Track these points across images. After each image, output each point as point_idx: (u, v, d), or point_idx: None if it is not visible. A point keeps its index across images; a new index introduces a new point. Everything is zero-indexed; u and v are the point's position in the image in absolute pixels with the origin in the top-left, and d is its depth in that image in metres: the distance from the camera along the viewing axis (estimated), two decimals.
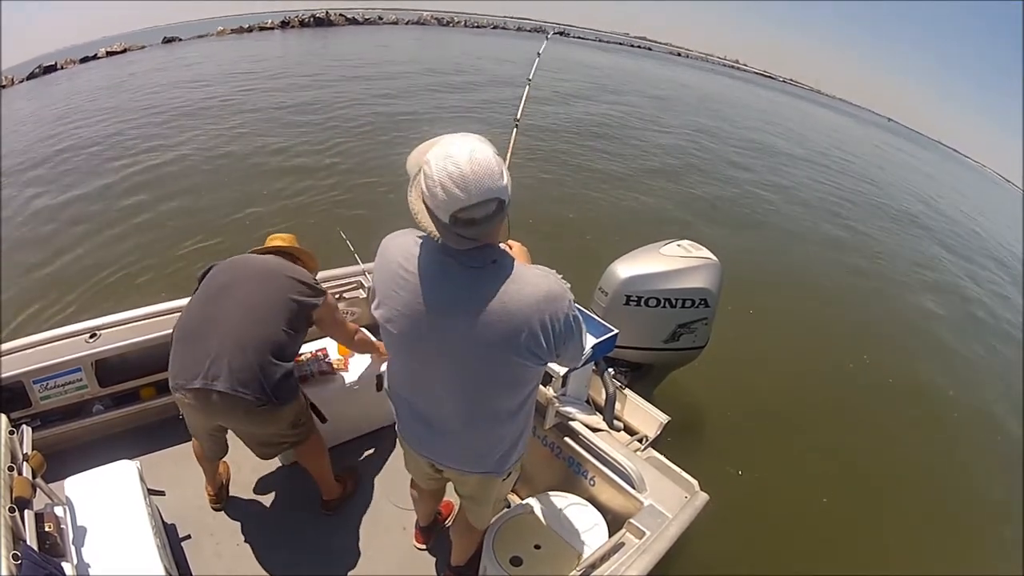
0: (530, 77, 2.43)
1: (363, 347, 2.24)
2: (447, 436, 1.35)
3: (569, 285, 1.17)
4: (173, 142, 8.05)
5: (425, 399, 1.32)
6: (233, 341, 1.65)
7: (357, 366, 2.37)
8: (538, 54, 2.54)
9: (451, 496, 2.13)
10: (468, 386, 1.21)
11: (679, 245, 2.78)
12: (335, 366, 2.34)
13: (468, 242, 1.06)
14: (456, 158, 0.99)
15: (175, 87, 12.18)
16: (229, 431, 1.93)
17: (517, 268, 1.12)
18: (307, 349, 2.36)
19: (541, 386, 2.08)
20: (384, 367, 2.35)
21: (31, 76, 18.38)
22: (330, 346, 2.42)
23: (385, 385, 1.45)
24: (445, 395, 1.25)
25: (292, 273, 1.84)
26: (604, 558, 1.60)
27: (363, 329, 2.45)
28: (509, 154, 2.12)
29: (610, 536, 1.74)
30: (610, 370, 2.35)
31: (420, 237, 1.17)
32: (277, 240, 2.05)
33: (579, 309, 2.04)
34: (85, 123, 9.22)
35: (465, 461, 1.40)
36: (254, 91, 11.74)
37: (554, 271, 1.17)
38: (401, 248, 1.19)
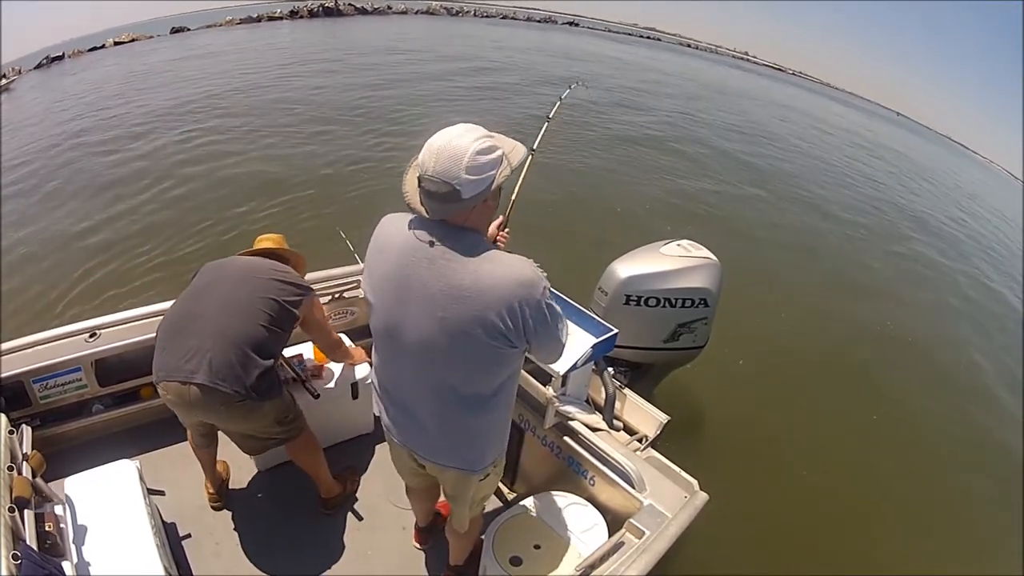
0: (550, 115, 2.40)
1: (342, 356, 2.26)
2: (424, 422, 1.36)
3: (545, 274, 1.20)
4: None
5: (403, 380, 1.33)
6: (213, 336, 1.67)
7: (332, 373, 2.37)
8: (560, 99, 2.49)
9: None
10: (440, 362, 1.22)
11: (679, 245, 2.78)
12: (311, 372, 2.32)
13: (423, 210, 1.17)
14: (443, 133, 1.12)
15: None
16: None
17: (494, 250, 1.18)
18: (284, 354, 2.35)
19: (541, 385, 2.08)
20: (360, 375, 2.37)
21: (39, 66, 18.63)
22: (306, 351, 2.41)
23: (372, 379, 1.47)
24: (420, 372, 1.27)
25: (276, 273, 1.87)
26: (604, 558, 1.60)
27: (346, 339, 2.45)
28: (522, 178, 2.10)
29: (610, 536, 1.74)
30: (610, 369, 2.35)
31: (412, 218, 1.24)
32: (265, 241, 2.07)
33: (579, 309, 2.05)
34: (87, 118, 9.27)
35: (441, 452, 1.40)
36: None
37: (532, 260, 1.20)
38: (393, 222, 1.27)
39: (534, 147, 2.26)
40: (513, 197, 2.10)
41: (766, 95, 29.68)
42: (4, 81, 17.47)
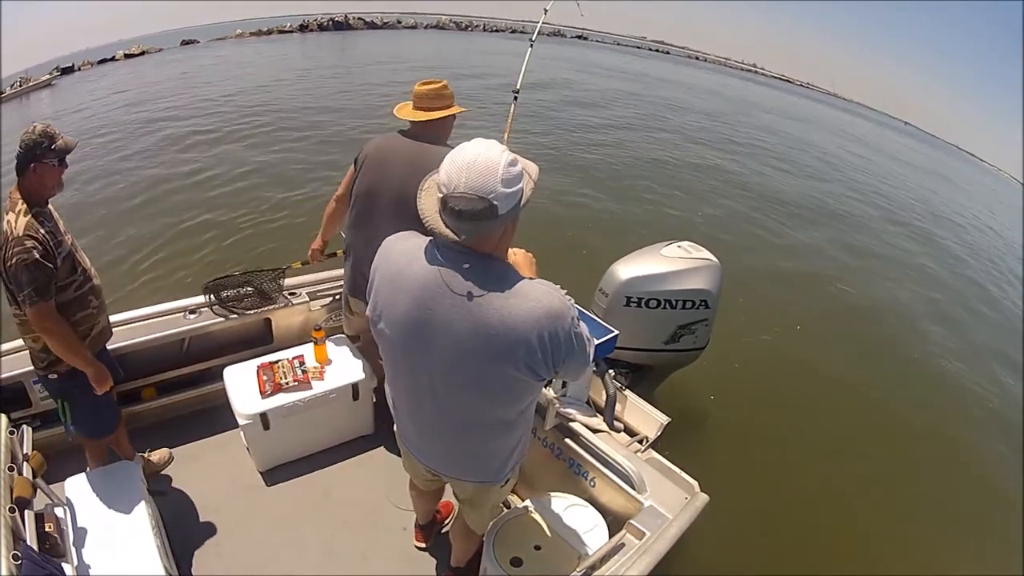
0: (532, 39, 2.33)
1: None
2: (443, 445, 1.36)
3: (572, 300, 1.14)
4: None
5: (421, 407, 1.30)
6: None
7: (333, 375, 2.36)
8: (544, 10, 2.43)
9: (450, 496, 2.13)
10: (464, 397, 1.20)
11: (679, 246, 2.78)
12: (310, 375, 2.31)
13: (454, 235, 1.05)
14: (466, 148, 1.02)
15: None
16: None
17: (519, 282, 1.10)
18: (283, 356, 2.36)
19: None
20: (360, 376, 2.37)
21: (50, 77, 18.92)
22: (307, 353, 2.41)
23: (387, 395, 1.43)
24: (441, 405, 1.24)
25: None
26: (604, 559, 1.60)
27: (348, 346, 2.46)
28: (508, 128, 2.08)
29: (610, 537, 1.73)
30: (610, 371, 2.35)
31: (425, 243, 1.16)
32: (423, 104, 1.91)
33: (579, 310, 2.05)
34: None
35: (462, 470, 1.41)
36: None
37: (558, 287, 1.14)
38: (404, 252, 1.17)
39: (517, 87, 2.21)
40: None
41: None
42: (46, 77, 18.13)
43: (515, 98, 2.20)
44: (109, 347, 2.21)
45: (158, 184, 6.71)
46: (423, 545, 2.11)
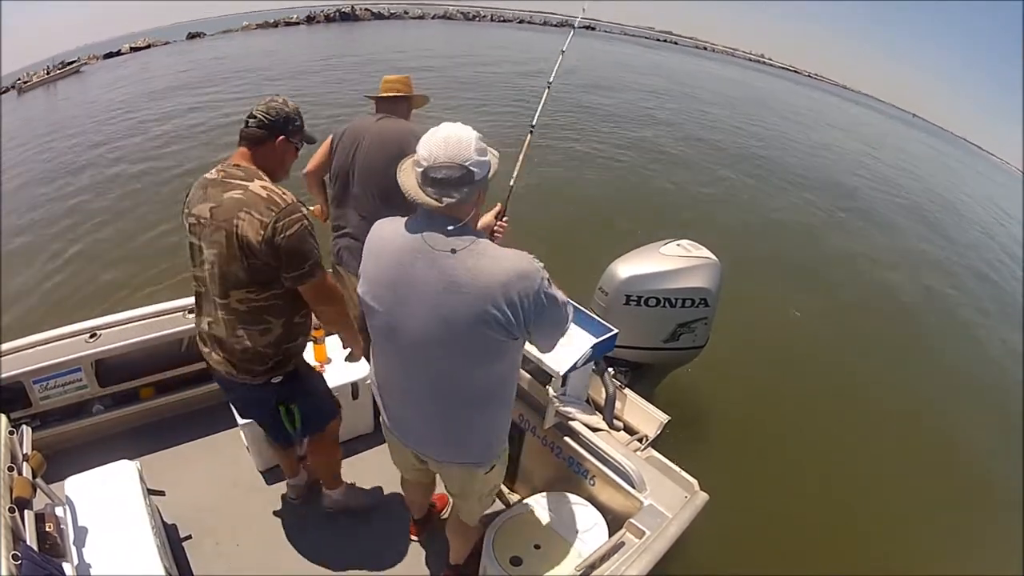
0: (550, 80, 2.29)
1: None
2: (427, 420, 1.38)
3: (543, 264, 1.23)
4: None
5: (404, 378, 1.35)
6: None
7: (332, 374, 2.35)
8: (561, 51, 2.38)
9: (443, 489, 2.13)
10: (441, 357, 1.24)
11: (679, 245, 2.78)
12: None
13: (436, 202, 1.16)
14: (440, 128, 1.17)
15: None
16: None
17: (491, 246, 1.20)
18: None
19: (541, 386, 2.08)
20: (359, 375, 2.37)
21: (49, 73, 19.21)
22: (306, 352, 2.39)
23: (371, 380, 1.48)
24: (421, 370, 1.29)
25: (403, 144, 2.08)
26: (604, 558, 1.60)
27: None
28: (522, 157, 2.05)
29: (610, 536, 1.74)
30: (610, 370, 2.35)
31: (408, 220, 1.26)
32: (389, 88, 2.26)
33: (579, 309, 2.05)
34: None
35: (445, 449, 1.42)
36: None
37: (532, 256, 1.22)
38: (386, 226, 1.29)
39: (533, 122, 2.19)
40: (511, 183, 2.02)
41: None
42: (75, 64, 18.68)
43: (531, 131, 2.15)
44: (105, 347, 2.23)
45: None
46: (417, 538, 2.12)
